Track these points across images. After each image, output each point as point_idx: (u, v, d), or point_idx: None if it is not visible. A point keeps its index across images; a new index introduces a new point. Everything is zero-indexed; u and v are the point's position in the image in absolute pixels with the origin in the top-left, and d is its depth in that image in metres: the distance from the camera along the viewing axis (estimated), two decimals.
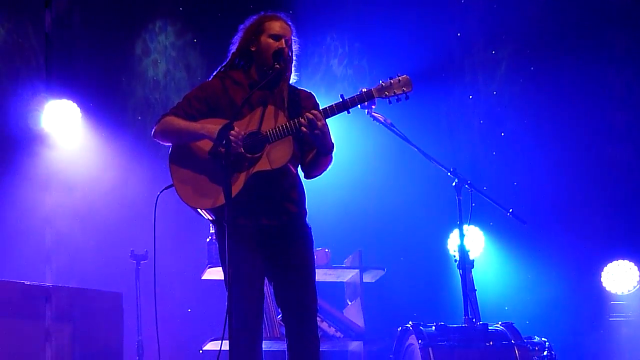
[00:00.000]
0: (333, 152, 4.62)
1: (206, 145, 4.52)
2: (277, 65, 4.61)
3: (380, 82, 4.59)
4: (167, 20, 8.51)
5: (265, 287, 4.70)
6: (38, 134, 7.85)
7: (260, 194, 4.55)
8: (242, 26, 4.82)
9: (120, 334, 6.19)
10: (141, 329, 6.49)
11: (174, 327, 7.54)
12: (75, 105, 7.92)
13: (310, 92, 4.84)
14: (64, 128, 7.90)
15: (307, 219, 4.72)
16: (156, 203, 4.78)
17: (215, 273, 6.86)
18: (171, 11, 8.53)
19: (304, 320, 4.61)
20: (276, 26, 4.70)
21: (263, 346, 4.62)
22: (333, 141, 4.59)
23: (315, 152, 4.63)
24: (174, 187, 4.67)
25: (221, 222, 4.45)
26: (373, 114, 6.03)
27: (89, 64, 8.14)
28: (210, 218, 4.63)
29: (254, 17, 4.80)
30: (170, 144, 4.72)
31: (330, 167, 4.72)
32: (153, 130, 4.74)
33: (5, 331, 5.64)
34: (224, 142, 4.31)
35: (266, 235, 4.59)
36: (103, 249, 7.71)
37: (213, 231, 6.77)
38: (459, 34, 8.51)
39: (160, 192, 4.76)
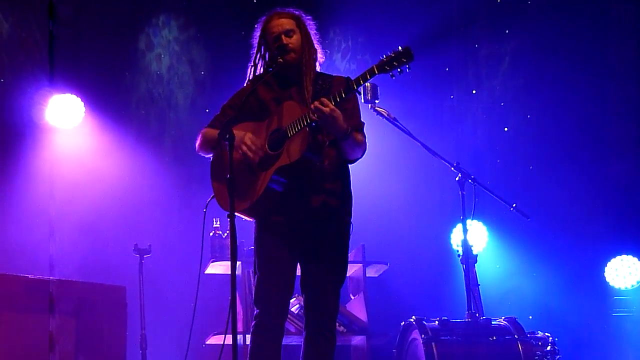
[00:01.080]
0: (352, 134, 4.58)
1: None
2: (280, 60, 4.63)
3: (383, 56, 4.57)
4: (170, 14, 8.50)
5: None
6: (42, 128, 7.86)
7: (285, 189, 4.59)
8: (252, 40, 4.87)
9: (124, 328, 6.20)
10: (145, 322, 6.50)
11: (177, 322, 7.55)
12: (79, 99, 7.92)
13: (343, 78, 4.78)
14: (67, 122, 7.90)
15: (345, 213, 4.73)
16: (204, 215, 4.81)
17: (218, 267, 6.87)
18: (174, 5, 8.52)
19: (323, 317, 4.68)
20: (272, 28, 4.75)
21: None
22: (347, 125, 4.54)
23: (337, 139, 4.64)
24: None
25: (257, 220, 4.66)
26: (376, 108, 6.03)
27: (92, 58, 8.14)
28: (250, 219, 4.71)
29: (257, 26, 4.84)
30: (210, 155, 4.81)
31: (366, 147, 4.74)
32: (195, 145, 4.83)
33: (9, 325, 5.65)
34: (227, 136, 4.34)
35: (297, 229, 4.64)
36: (106, 242, 7.71)
37: (217, 225, 6.83)
38: (462, 29, 8.49)
39: (207, 204, 4.81)
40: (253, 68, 4.84)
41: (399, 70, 4.53)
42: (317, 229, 4.65)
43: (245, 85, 4.88)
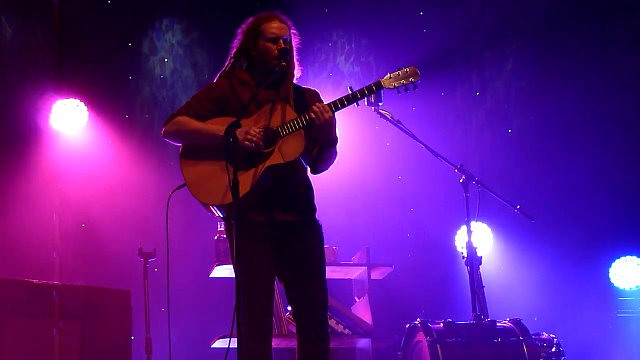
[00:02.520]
0: (337, 145, 4.65)
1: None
2: (284, 63, 4.63)
3: (389, 73, 4.62)
4: (173, 18, 8.52)
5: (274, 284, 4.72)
6: (46, 132, 7.87)
7: (272, 188, 4.58)
8: (239, 30, 4.84)
9: (129, 332, 6.20)
10: (150, 326, 6.49)
11: (183, 325, 7.55)
12: (82, 103, 7.94)
13: (315, 90, 4.88)
14: (71, 126, 7.92)
15: (316, 216, 4.75)
16: (168, 203, 4.79)
17: (222, 271, 6.87)
18: (178, 9, 8.54)
19: (315, 316, 4.64)
20: (272, 28, 4.71)
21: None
22: (337, 135, 4.62)
23: (319, 145, 4.65)
24: (185, 187, 4.67)
25: (234, 217, 4.44)
26: (380, 111, 6.03)
27: (96, 62, 8.15)
28: (221, 215, 4.64)
29: (250, 20, 4.81)
30: (180, 144, 4.73)
31: (335, 161, 4.75)
32: (163, 130, 4.74)
33: (14, 329, 5.66)
34: (231, 139, 4.33)
35: (279, 231, 4.62)
36: (111, 246, 7.72)
37: (221, 229, 6.82)
38: (465, 31, 8.49)
39: (172, 192, 4.77)
40: (233, 60, 4.81)
41: (405, 88, 4.58)
42: (300, 232, 4.65)
43: (219, 75, 4.82)
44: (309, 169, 4.78)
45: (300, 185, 4.68)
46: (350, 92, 4.58)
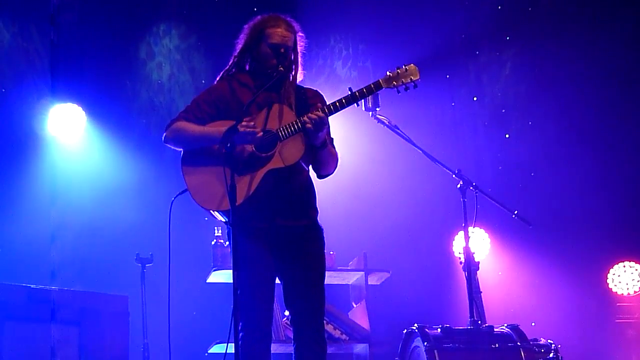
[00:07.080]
0: (328, 147, 4.62)
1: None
2: (281, 68, 4.61)
3: (388, 72, 4.59)
4: (171, 23, 8.51)
5: None
6: (43, 137, 7.87)
7: (274, 193, 4.56)
8: (245, 27, 4.81)
9: (126, 337, 6.20)
10: (147, 332, 6.49)
11: (180, 331, 7.53)
12: (80, 108, 7.93)
13: (316, 90, 4.86)
14: (69, 132, 7.91)
15: (318, 219, 4.73)
16: (170, 208, 4.78)
17: (220, 276, 6.87)
18: (175, 14, 8.53)
19: (313, 322, 4.63)
20: (276, 35, 4.67)
21: None
22: (328, 137, 4.61)
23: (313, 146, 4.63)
24: (187, 192, 4.66)
25: (235, 223, 4.45)
26: (378, 116, 6.03)
27: (93, 67, 8.14)
28: (223, 220, 4.64)
29: (257, 19, 4.78)
30: (182, 149, 4.72)
31: (338, 164, 4.73)
32: (164, 135, 4.73)
33: (12, 335, 5.66)
34: (229, 144, 4.32)
35: (280, 236, 4.61)
36: (108, 252, 7.71)
37: (219, 234, 6.81)
38: (462, 36, 8.50)
39: (175, 198, 4.76)
40: (236, 60, 4.80)
41: (405, 87, 4.55)
42: (301, 238, 4.63)
43: (220, 76, 4.81)
44: (313, 173, 4.77)
45: (302, 189, 4.67)
46: (349, 93, 4.56)
